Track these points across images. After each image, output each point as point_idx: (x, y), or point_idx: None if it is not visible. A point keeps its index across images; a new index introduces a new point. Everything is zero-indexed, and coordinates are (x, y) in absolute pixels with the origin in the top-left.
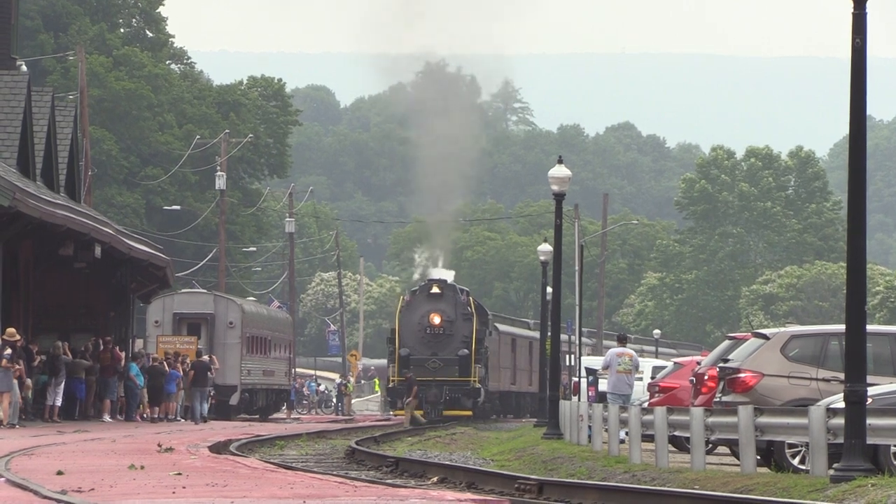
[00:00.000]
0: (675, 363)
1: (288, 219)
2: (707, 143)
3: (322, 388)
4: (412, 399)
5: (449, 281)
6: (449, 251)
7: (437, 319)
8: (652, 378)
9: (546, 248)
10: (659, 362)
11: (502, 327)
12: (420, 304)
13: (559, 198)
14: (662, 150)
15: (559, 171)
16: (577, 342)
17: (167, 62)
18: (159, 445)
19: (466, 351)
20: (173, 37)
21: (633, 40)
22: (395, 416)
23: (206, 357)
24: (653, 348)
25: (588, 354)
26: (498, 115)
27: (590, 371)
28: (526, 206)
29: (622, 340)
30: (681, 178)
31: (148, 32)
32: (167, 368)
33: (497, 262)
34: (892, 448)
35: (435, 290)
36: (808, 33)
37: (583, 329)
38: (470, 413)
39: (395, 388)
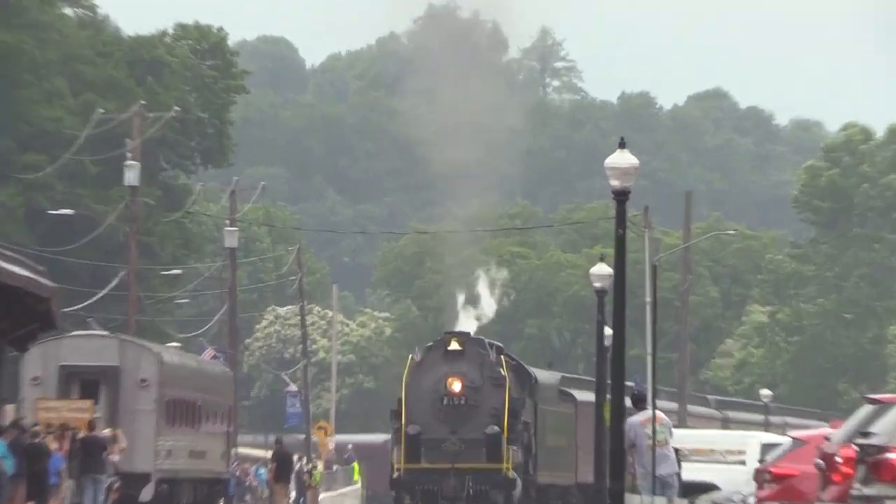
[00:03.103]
0: (793, 439)
1: (229, 228)
2: (834, 120)
3: None
4: (273, 480)
5: (473, 333)
6: (471, 282)
7: (456, 386)
8: (760, 461)
9: (603, 270)
10: (770, 438)
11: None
12: (434, 365)
13: (621, 197)
14: (769, 128)
15: (621, 158)
16: (652, 406)
17: (59, 4)
18: None
19: (496, 428)
20: None
21: None
22: None
23: (105, 431)
24: (760, 417)
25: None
26: (532, 78)
27: (675, 451)
28: (573, 210)
29: (639, 402)
30: (799, 168)
31: None
32: (52, 447)
33: (531, 291)
34: None
35: (453, 345)
36: None
37: (658, 388)
38: None
39: (403, 481)
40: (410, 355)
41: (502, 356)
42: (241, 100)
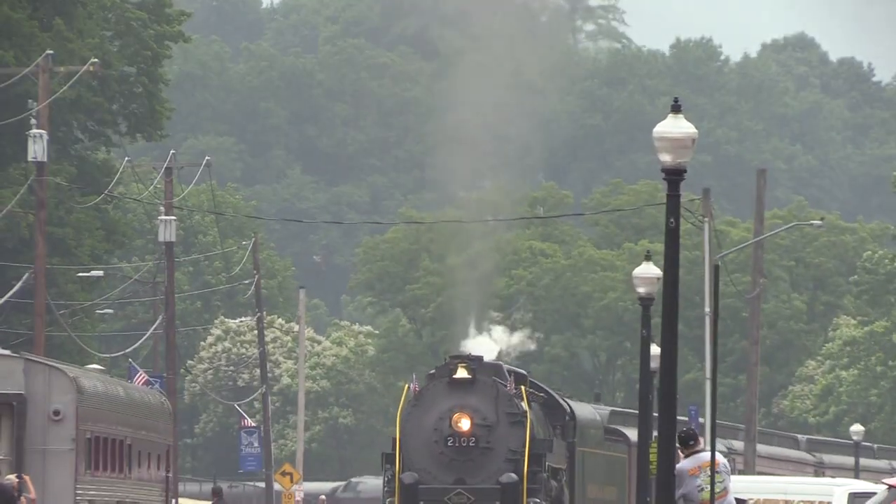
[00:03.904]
0: (888, 487)
1: (164, 217)
2: None
3: None
4: None
5: (487, 358)
6: (486, 297)
7: (465, 424)
8: None
9: (649, 271)
10: (861, 486)
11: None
12: (437, 397)
13: (674, 177)
14: (867, 86)
15: (675, 126)
16: (711, 447)
17: None
18: None
19: (514, 476)
20: None
21: None
22: None
23: (8, 478)
24: (849, 459)
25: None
26: (558, 20)
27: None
28: (611, 194)
29: (689, 442)
30: None
31: None
32: None
33: (557, 298)
34: None
35: (461, 373)
36: None
37: (720, 422)
38: None
39: None
40: (407, 384)
41: (522, 387)
42: (178, 50)
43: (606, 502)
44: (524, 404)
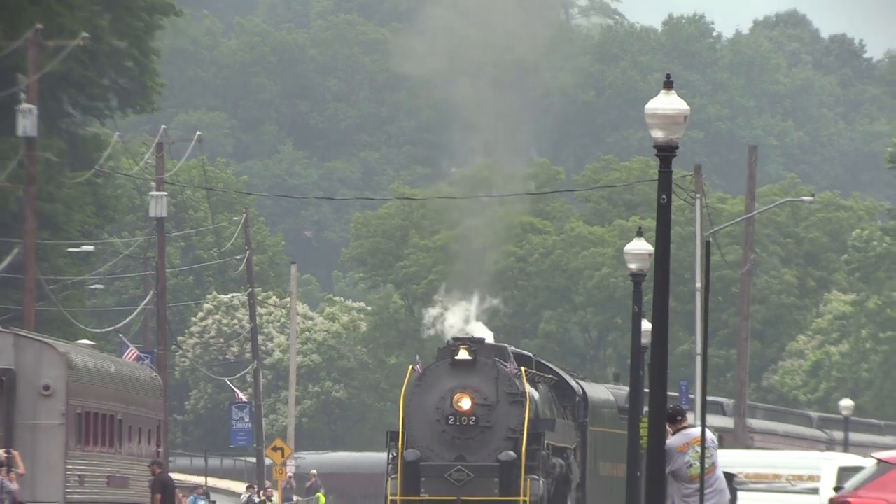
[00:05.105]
0: (878, 461)
1: (155, 193)
2: None
3: None
4: None
5: (488, 340)
6: (487, 278)
7: (465, 403)
8: (837, 489)
9: (641, 247)
10: (850, 460)
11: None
12: (439, 378)
13: (667, 153)
14: (858, 63)
15: (667, 102)
16: (700, 423)
17: None
18: None
19: (513, 454)
20: None
21: None
22: None
23: None
24: (839, 434)
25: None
26: None
27: (728, 478)
28: (602, 170)
29: (676, 418)
30: None
31: None
32: None
33: (548, 274)
34: None
35: (462, 355)
36: None
37: (710, 399)
38: None
39: None
40: (411, 366)
41: (523, 368)
42: (169, 24)
43: (619, 480)
44: (525, 385)
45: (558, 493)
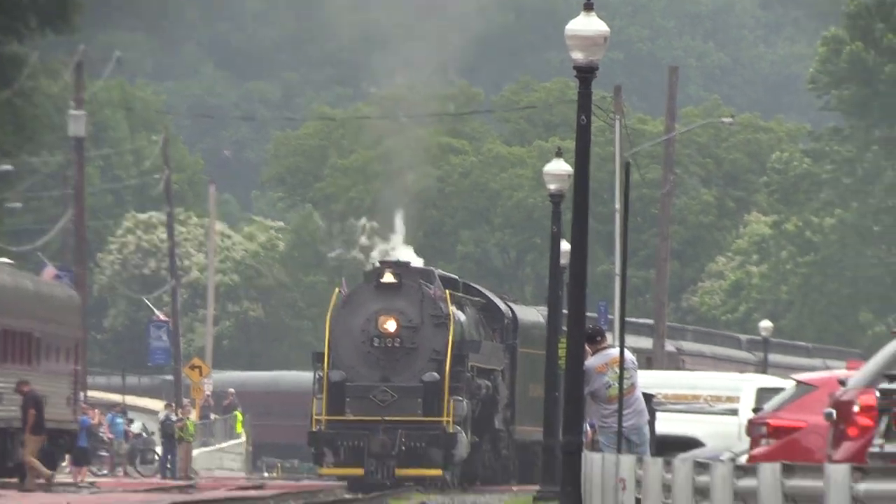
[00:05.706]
0: (797, 383)
1: (74, 112)
2: None
3: (137, 428)
4: (27, 434)
5: (413, 263)
6: (410, 199)
7: (390, 325)
8: (756, 410)
9: (559, 167)
10: (769, 381)
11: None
12: (365, 301)
13: (586, 75)
14: None
15: (587, 24)
16: (619, 343)
17: None
18: None
19: (436, 375)
20: None
21: None
22: (324, 474)
23: None
24: (758, 355)
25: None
26: None
27: (646, 398)
28: (522, 91)
29: (595, 339)
30: (819, 37)
31: None
32: None
33: (466, 195)
34: None
35: (388, 278)
36: None
37: (629, 320)
38: (439, 473)
39: (324, 435)
40: (337, 289)
41: (448, 291)
42: None
43: (533, 400)
44: (450, 307)
45: (484, 413)
